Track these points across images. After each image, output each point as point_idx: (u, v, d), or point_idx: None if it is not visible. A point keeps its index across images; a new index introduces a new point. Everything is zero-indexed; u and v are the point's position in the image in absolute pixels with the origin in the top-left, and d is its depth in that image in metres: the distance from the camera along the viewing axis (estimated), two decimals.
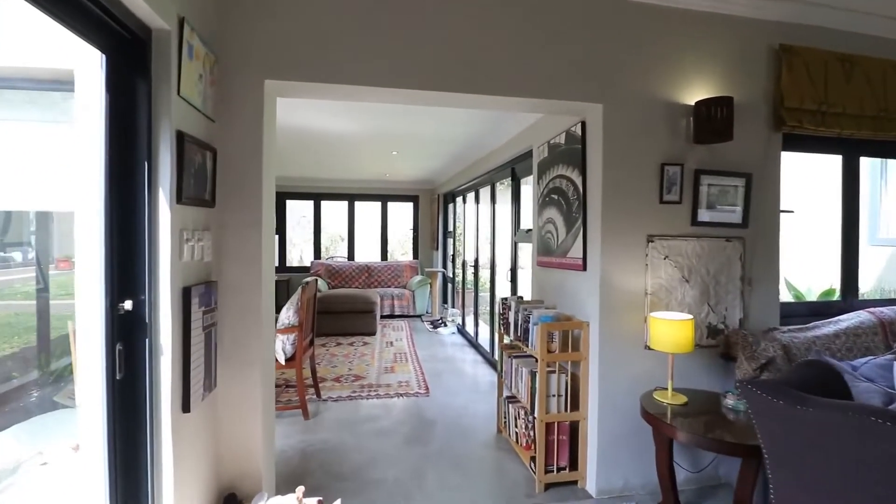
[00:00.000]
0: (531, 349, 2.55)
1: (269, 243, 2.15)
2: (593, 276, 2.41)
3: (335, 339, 5.82)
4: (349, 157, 5.54)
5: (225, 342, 2.01)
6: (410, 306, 7.22)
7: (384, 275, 7.70)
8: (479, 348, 5.27)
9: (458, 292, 6.93)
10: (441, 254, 7.62)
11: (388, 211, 8.25)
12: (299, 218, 9.69)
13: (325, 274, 7.57)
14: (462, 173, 5.87)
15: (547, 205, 2.98)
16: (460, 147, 4.76)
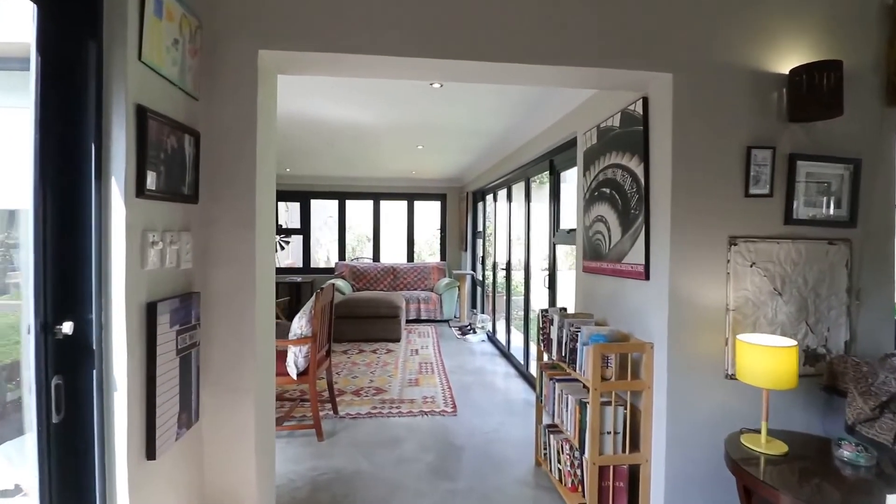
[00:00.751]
0: (580, 374, 2.11)
1: (266, 245, 1.81)
2: (659, 287, 1.95)
3: (357, 345, 5.51)
4: (373, 153, 5.22)
5: (212, 365, 1.67)
6: (437, 311, 6.85)
7: (410, 277, 7.36)
8: (512, 359, 4.83)
9: (489, 297, 6.51)
10: (470, 255, 7.21)
11: (415, 210, 7.91)
12: (326, 218, 9.50)
13: (349, 276, 7.30)
14: (493, 169, 5.44)
15: (596, 200, 2.53)
16: (491, 139, 4.34)
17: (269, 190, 1.83)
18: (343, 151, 5.11)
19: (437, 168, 6.33)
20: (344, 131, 4.11)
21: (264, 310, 1.80)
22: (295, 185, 7.51)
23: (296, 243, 8.00)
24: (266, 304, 1.82)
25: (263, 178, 1.76)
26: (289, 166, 6.26)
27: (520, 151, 4.27)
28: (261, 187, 1.73)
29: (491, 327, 5.92)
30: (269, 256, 1.85)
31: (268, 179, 1.82)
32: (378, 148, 4.88)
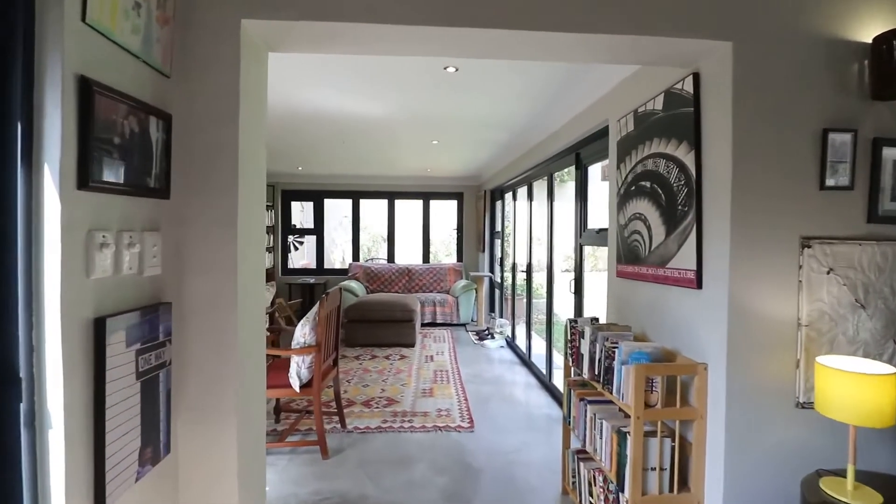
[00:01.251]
0: (617, 397, 1.81)
1: (253, 248, 1.57)
2: (715, 297, 1.64)
3: (370, 350, 5.28)
4: (387, 150, 4.98)
5: (187, 388, 1.44)
6: (454, 314, 6.58)
7: (426, 279, 7.11)
8: (533, 368, 4.52)
9: (507, 300, 6.20)
10: (488, 256, 6.92)
11: (431, 210, 7.65)
12: (341, 218, 9.34)
13: (362, 277, 7.09)
14: (513, 165, 5.15)
15: (633, 196, 2.22)
16: (511, 132, 4.04)
17: (255, 185, 1.59)
18: (355, 148, 4.88)
19: (454, 165, 6.06)
20: (354, 125, 3.87)
21: (251, 322, 1.56)
22: (308, 184, 7.35)
23: (310, 244, 7.84)
24: (253, 315, 1.58)
25: (248, 171, 1.52)
26: (300, 164, 6.08)
27: (542, 145, 3.96)
28: (245, 182, 1.49)
29: (510, 332, 5.62)
30: (255, 261, 1.60)
31: (254, 173, 1.58)
32: (391, 144, 4.64)
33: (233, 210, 1.45)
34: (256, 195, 1.62)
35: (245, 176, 1.50)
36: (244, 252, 1.49)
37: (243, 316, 1.49)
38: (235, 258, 1.45)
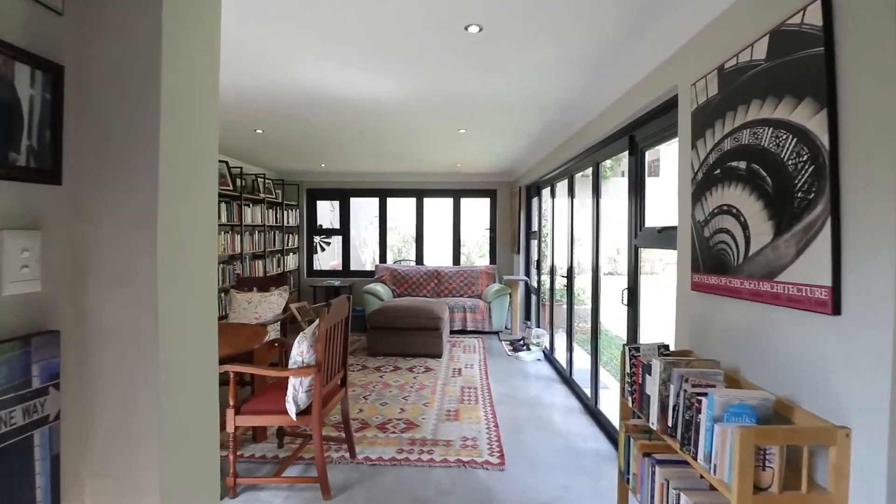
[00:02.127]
0: (706, 468, 1.27)
1: (191, 255, 1.14)
2: (867, 329, 1.08)
3: (393, 360, 4.86)
4: (410, 142, 4.55)
5: (93, 447, 1.03)
6: (486, 321, 6.07)
7: (456, 282, 6.64)
8: (575, 387, 3.95)
9: (545, 307, 5.63)
10: (523, 259, 6.36)
11: (461, 208, 7.18)
12: (371, 218, 9.03)
13: (389, 280, 6.71)
14: (551, 156, 4.59)
15: (719, 182, 1.65)
16: (549, 115, 3.51)
17: (195, 170, 1.16)
18: (375, 140, 4.48)
19: (485, 159, 5.56)
20: (369, 111, 3.45)
21: (188, 354, 1.13)
22: (333, 182, 7.05)
23: (337, 244, 7.55)
24: (195, 344, 1.16)
25: (181, 149, 1.10)
26: (323, 161, 5.76)
27: (587, 129, 3.40)
28: (174, 164, 1.06)
29: (548, 344, 5.05)
30: (196, 274, 1.18)
31: (194, 153, 1.15)
32: (413, 134, 4.20)
33: (151, 204, 1.02)
34: (198, 184, 1.19)
35: (174, 156, 1.07)
36: (173, 261, 1.07)
37: (174, 347, 1.07)
38: (155, 269, 1.02)
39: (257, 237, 5.63)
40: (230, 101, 3.16)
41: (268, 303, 3.83)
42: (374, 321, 5.00)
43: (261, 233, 5.75)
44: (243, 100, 3.15)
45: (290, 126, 3.85)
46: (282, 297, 3.93)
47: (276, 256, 6.27)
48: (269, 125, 3.84)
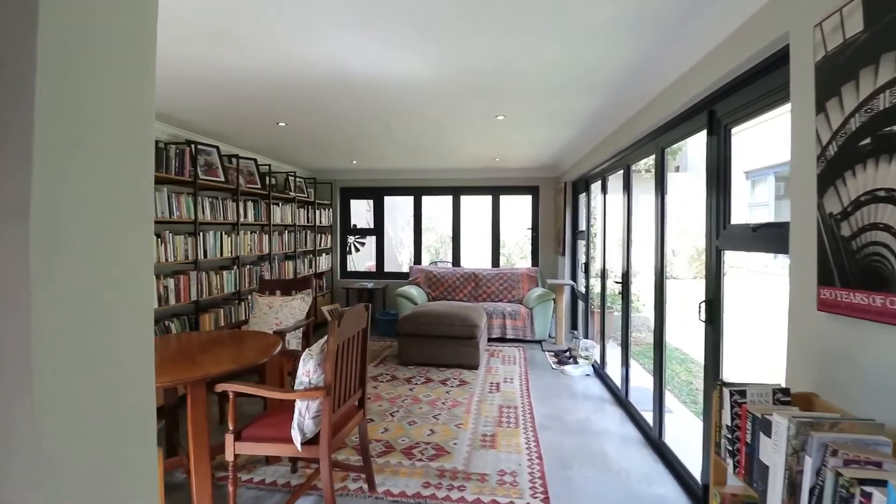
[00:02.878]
0: None
1: (93, 254, 0.79)
2: None
3: (425, 371, 4.49)
4: (441, 132, 4.16)
5: None
6: (527, 329, 5.58)
7: (495, 285, 6.18)
8: (631, 410, 3.42)
9: (594, 314, 5.08)
10: (568, 261, 5.81)
11: (501, 206, 6.71)
12: (409, 217, 8.74)
13: (424, 282, 6.36)
14: (603, 145, 4.06)
15: (868, 157, 1.14)
16: (602, 94, 3.00)
17: (102, 145, 0.81)
18: (406, 133, 4.12)
19: (526, 152, 5.07)
20: (394, 95, 3.09)
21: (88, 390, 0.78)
22: (366, 180, 6.79)
23: (372, 245, 7.30)
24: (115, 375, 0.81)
25: (71, 126, 0.74)
26: (354, 158, 5.48)
27: (649, 109, 2.87)
28: (60, 143, 0.71)
29: (598, 357, 4.50)
30: (110, 279, 0.83)
31: (106, 124, 0.80)
32: (446, 124, 3.80)
33: (22, 188, 0.68)
34: (113, 167, 0.84)
35: (61, 131, 0.72)
36: (57, 265, 0.72)
37: (63, 380, 0.72)
38: (28, 275, 0.68)
39: (287, 237, 5.44)
40: (247, 90, 2.90)
41: (289, 308, 3.56)
42: (405, 328, 4.65)
43: (291, 233, 5.56)
44: (261, 88, 2.87)
45: (313, 117, 3.56)
46: (304, 301, 3.65)
47: (308, 257, 6.07)
48: (291, 117, 3.57)
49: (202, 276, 3.86)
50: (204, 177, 3.93)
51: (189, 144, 3.74)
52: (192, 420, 2.06)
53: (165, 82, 2.74)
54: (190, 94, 3.00)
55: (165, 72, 2.56)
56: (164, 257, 3.42)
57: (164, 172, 3.42)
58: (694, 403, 4.17)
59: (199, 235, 3.81)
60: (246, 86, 2.82)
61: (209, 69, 2.56)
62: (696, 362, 5.30)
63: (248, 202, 4.60)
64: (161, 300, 3.40)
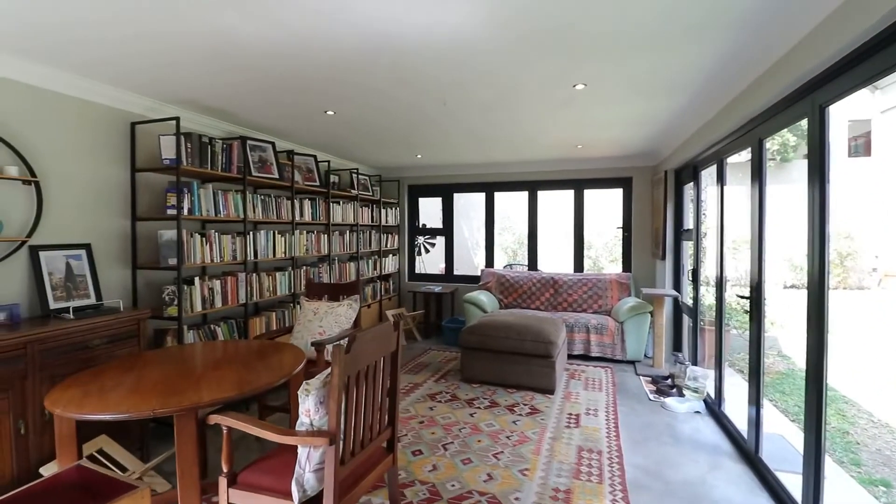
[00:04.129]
0: None
1: None
2: None
3: (491, 392, 3.87)
4: (509, 112, 3.52)
5: None
6: (617, 346, 4.70)
7: (577, 293, 5.36)
8: (762, 470, 2.49)
9: (704, 334, 4.08)
10: (670, 266, 4.81)
11: (585, 202, 5.85)
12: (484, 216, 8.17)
13: (495, 287, 5.73)
14: (720, 117, 3.13)
15: None
16: (732, 37, 2.17)
17: None
18: (467, 114, 3.55)
19: (615, 134, 4.23)
20: (448, 65, 2.54)
21: None
22: (434, 176, 6.34)
23: (441, 246, 6.84)
24: None
25: None
26: (418, 151, 5.03)
27: (799, 51, 1.99)
28: None
29: (712, 389, 3.54)
30: None
31: None
32: (512, 100, 3.16)
33: None
34: None
35: None
36: None
37: None
38: None
39: (348, 237, 5.16)
40: (283, 71, 2.54)
41: (334, 315, 3.19)
42: (468, 340, 4.07)
43: (353, 232, 5.28)
44: (300, 70, 2.50)
45: (361, 101, 3.14)
46: (351, 308, 3.25)
47: (373, 258, 5.77)
48: (337, 103, 3.19)
49: (252, 278, 3.64)
50: (257, 174, 3.73)
51: (240, 139, 3.54)
52: (179, 457, 1.68)
53: (203, 68, 2.47)
54: (229, 81, 2.73)
55: (196, 53, 2.27)
56: (209, 257, 3.23)
57: (210, 169, 3.23)
58: (856, 466, 3.06)
59: (249, 235, 3.60)
60: (282, 65, 2.46)
61: (248, 49, 2.22)
62: (851, 402, 4.04)
63: (304, 200, 4.36)
64: (206, 302, 3.20)
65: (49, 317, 2.48)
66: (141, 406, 1.63)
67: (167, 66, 2.51)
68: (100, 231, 2.89)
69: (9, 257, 2.43)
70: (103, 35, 2.12)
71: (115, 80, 2.74)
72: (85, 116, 2.79)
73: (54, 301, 2.58)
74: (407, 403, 3.59)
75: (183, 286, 3.02)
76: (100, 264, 2.87)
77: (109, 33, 2.10)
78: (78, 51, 2.31)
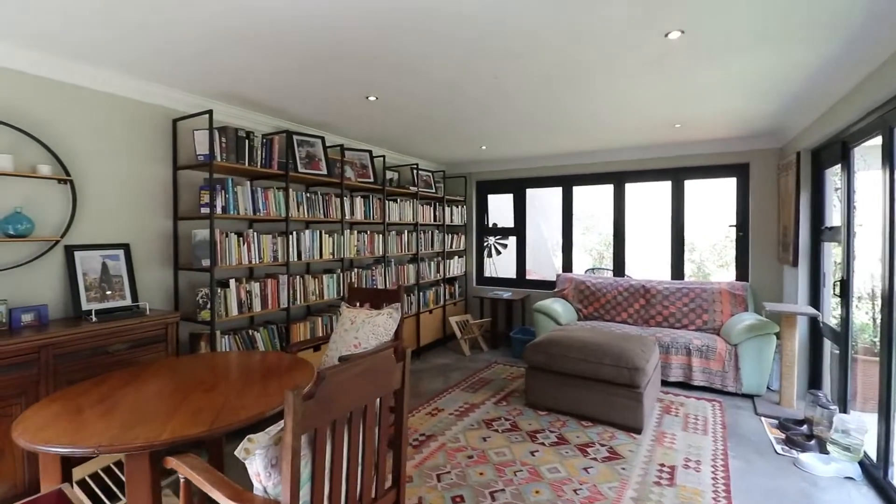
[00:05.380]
0: None
1: None
2: None
3: (561, 422, 3.22)
4: (577, 81, 2.86)
5: None
6: (728, 375, 3.74)
7: (675, 305, 4.44)
8: None
9: (857, 367, 3.03)
10: (805, 275, 3.72)
11: (686, 195, 4.87)
12: None
13: (573, 295, 5.00)
14: (889, 67, 2.19)
15: None
16: None
17: None
18: (524, 88, 2.96)
19: (727, 105, 3.32)
20: (483, 21, 2.00)
21: None
22: (502, 171, 5.76)
23: (513, 248, 6.24)
24: None
25: None
26: (483, 142, 4.51)
27: None
28: None
29: (874, 446, 2.53)
30: None
31: None
32: (580, 66, 2.51)
33: None
34: None
35: None
36: None
37: None
38: None
39: (407, 238, 4.80)
40: (323, 49, 2.21)
41: (372, 325, 2.80)
42: (533, 358, 3.46)
43: (412, 233, 4.91)
44: (339, 47, 2.15)
45: (403, 81, 2.72)
46: (391, 318, 2.84)
47: (436, 260, 5.36)
48: (378, 85, 2.80)
49: (296, 281, 3.41)
50: (304, 170, 3.50)
51: (284, 133, 3.32)
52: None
53: (238, 52, 2.24)
54: (268, 66, 2.47)
55: (229, 37, 2.02)
56: (246, 258, 3.03)
57: (248, 164, 3.03)
58: None
59: (292, 235, 3.37)
60: (319, 42, 2.13)
61: (282, 25, 1.93)
62: None
63: (356, 198, 4.07)
64: (242, 306, 3.01)
65: (80, 318, 2.41)
66: (90, 439, 1.35)
67: (201, 55, 2.31)
68: (140, 231, 2.81)
69: (41, 257, 2.39)
70: (131, 26, 1.95)
71: (154, 76, 2.63)
72: (123, 114, 2.72)
73: (87, 302, 2.52)
74: (458, 430, 3.09)
75: (217, 289, 2.84)
76: (140, 265, 2.79)
77: (137, 22, 1.91)
78: (114, 46, 2.23)
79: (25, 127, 2.32)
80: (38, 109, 2.37)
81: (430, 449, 2.83)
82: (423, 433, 3.05)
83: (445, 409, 3.45)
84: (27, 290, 2.35)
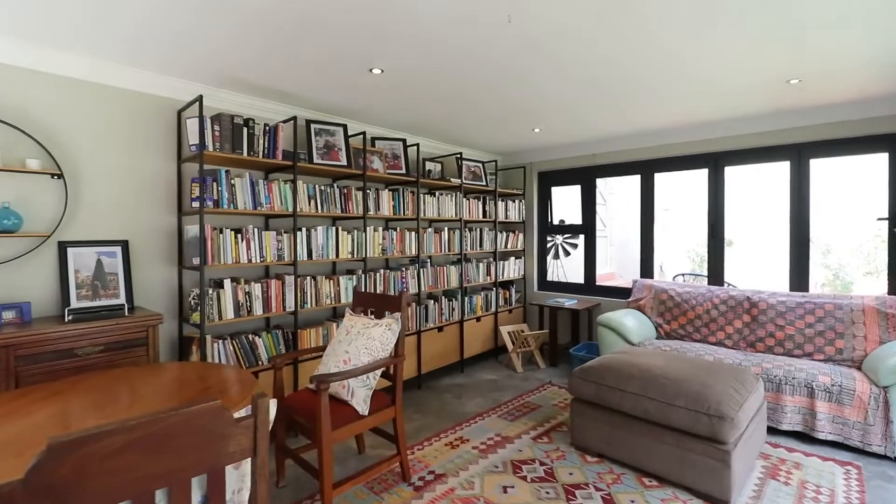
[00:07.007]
0: None
1: None
2: None
3: (615, 476, 2.46)
4: (640, 22, 2.11)
5: None
6: (873, 430, 2.63)
7: (795, 325, 3.34)
8: None
9: None
10: None
11: (812, 179, 3.67)
12: (663, 204, 6.29)
13: (651, 306, 4.07)
14: None
15: None
16: None
17: None
18: (580, 46, 2.27)
19: (869, 55, 2.28)
20: None
21: None
22: (567, 158, 4.96)
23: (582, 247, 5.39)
24: None
25: None
26: (535, 124, 3.83)
27: None
28: None
29: None
30: None
31: None
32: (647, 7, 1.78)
33: None
34: None
35: None
36: None
37: None
38: None
39: (447, 236, 4.27)
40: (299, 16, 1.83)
41: (366, 337, 2.33)
42: (580, 388, 2.72)
43: (454, 230, 4.37)
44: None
45: (404, 43, 2.21)
46: (390, 330, 2.35)
47: (486, 261, 4.75)
48: (380, 53, 2.33)
49: (305, 282, 3.09)
50: (320, 161, 3.18)
51: (293, 121, 3.02)
52: None
53: (230, 28, 1.95)
54: (260, 44, 2.16)
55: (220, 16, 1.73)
56: (245, 257, 2.76)
57: (247, 154, 2.76)
58: None
59: (301, 231, 3.05)
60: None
61: None
62: None
63: (384, 191, 3.65)
64: (240, 308, 2.75)
65: (63, 317, 2.29)
66: None
67: (190, 35, 2.05)
68: (141, 227, 2.67)
69: (30, 253, 2.31)
70: (129, 13, 1.73)
71: (148, 64, 2.47)
72: (122, 105, 2.59)
73: (77, 300, 2.41)
74: (476, 471, 2.50)
75: (208, 289, 2.60)
76: (140, 263, 2.65)
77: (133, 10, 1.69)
78: (108, 36, 2.13)
79: (14, 121, 2.25)
80: (28, 103, 2.30)
81: (432, 494, 2.29)
82: (432, 470, 2.52)
83: (470, 441, 2.87)
84: (15, 286, 2.28)
